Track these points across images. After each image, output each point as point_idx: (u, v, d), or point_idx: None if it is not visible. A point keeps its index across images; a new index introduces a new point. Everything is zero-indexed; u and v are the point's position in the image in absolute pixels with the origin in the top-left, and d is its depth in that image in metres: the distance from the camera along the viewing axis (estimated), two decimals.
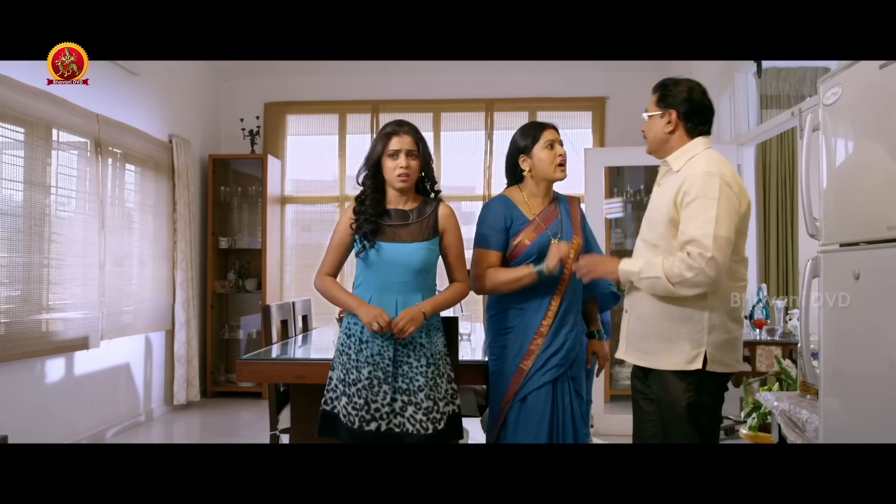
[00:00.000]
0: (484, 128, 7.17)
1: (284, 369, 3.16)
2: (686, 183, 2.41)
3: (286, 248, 7.27)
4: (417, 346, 2.71)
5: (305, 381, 3.02)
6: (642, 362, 2.57)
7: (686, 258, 2.36)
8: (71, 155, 4.85)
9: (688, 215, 2.39)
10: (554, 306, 2.88)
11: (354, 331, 2.74)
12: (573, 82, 7.02)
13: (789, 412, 2.89)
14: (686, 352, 2.45)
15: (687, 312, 2.45)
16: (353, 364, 2.70)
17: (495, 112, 7.15)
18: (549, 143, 2.92)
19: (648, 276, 2.45)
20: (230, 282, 7.00)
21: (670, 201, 2.45)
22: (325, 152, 7.35)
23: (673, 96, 2.56)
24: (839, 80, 2.32)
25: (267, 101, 7.24)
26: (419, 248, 2.73)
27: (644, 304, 2.55)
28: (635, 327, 2.60)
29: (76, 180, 4.87)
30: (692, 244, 2.35)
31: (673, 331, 2.47)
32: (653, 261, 2.45)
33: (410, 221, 2.76)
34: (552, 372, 2.83)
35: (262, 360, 3.22)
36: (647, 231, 2.58)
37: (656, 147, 2.63)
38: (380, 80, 7.12)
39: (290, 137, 7.36)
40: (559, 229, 2.92)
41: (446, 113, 7.20)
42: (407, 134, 2.74)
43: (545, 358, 2.85)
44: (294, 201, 7.35)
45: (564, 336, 2.87)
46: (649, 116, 2.62)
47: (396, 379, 2.68)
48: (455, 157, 7.23)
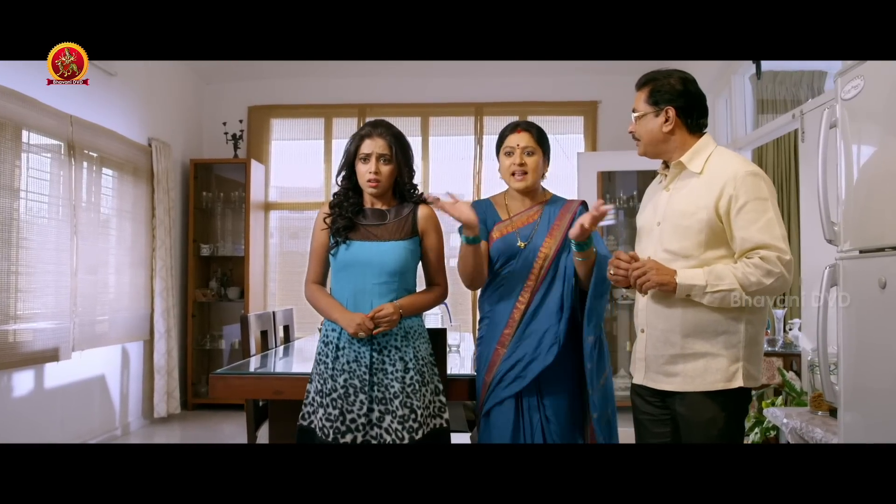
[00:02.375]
0: (473, 132, 7.00)
1: (261, 384, 2.95)
2: (729, 186, 2.18)
3: (270, 255, 7.07)
4: (392, 349, 2.55)
5: (283, 396, 2.82)
6: (671, 386, 2.29)
7: (763, 264, 2.13)
8: (43, 158, 4.64)
9: (744, 220, 2.17)
10: (517, 314, 2.71)
11: (332, 338, 2.58)
12: (564, 86, 6.87)
13: (801, 430, 2.72)
14: (724, 368, 2.21)
15: (723, 325, 2.21)
16: (329, 373, 2.54)
17: (485, 116, 6.98)
18: (508, 150, 2.78)
19: (718, 289, 2.16)
20: (212, 290, 6.79)
21: (710, 207, 2.20)
22: (311, 157, 7.16)
23: (666, 91, 2.31)
24: (861, 72, 2.15)
25: (251, 104, 7.05)
26: (395, 246, 2.56)
27: (669, 321, 2.28)
28: (658, 349, 2.31)
29: (48, 184, 4.65)
30: (766, 249, 2.14)
31: (708, 347, 2.23)
32: (717, 271, 2.18)
33: (387, 221, 2.60)
34: (513, 386, 2.66)
35: (236, 374, 3.02)
36: (675, 240, 2.28)
37: (653, 148, 2.39)
38: (367, 83, 6.94)
39: (275, 142, 7.16)
40: (532, 232, 2.76)
41: (435, 117, 7.02)
42: (380, 137, 2.58)
43: (504, 370, 2.68)
44: (278, 207, 7.15)
45: (528, 349, 2.67)
46: (639, 116, 2.38)
47: (373, 387, 2.51)
48: (444, 163, 7.05)
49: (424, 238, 2.65)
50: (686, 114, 2.31)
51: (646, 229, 2.41)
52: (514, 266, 2.75)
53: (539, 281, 2.71)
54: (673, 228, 2.29)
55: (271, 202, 7.10)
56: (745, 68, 5.32)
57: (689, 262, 2.23)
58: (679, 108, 2.30)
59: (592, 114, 6.89)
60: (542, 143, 2.79)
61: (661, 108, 2.31)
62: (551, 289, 2.71)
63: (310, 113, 7.11)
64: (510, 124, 2.84)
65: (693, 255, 2.23)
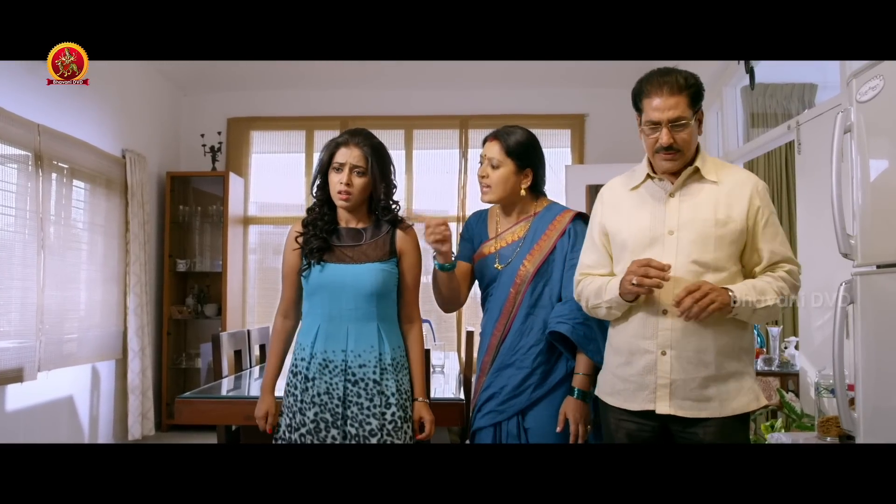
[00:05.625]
0: (458, 146, 6.84)
1: (232, 409, 2.76)
2: (756, 197, 2.12)
3: (249, 271, 6.86)
4: (370, 383, 2.34)
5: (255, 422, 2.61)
6: (706, 412, 2.07)
7: (789, 278, 2.11)
8: (9, 169, 4.42)
9: (770, 233, 2.12)
10: (494, 341, 2.52)
11: (300, 367, 2.39)
12: (552, 99, 6.73)
13: None
14: (752, 387, 2.13)
15: (748, 341, 2.14)
16: (297, 406, 2.35)
17: (470, 129, 6.82)
18: (480, 159, 2.62)
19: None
20: (188, 307, 6.56)
21: (743, 217, 2.10)
22: (292, 171, 6.95)
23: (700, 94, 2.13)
24: (880, 72, 1.99)
25: (230, 115, 6.86)
26: (371, 269, 2.36)
27: (703, 340, 2.07)
28: (689, 371, 2.08)
29: (14, 196, 4.43)
30: (790, 263, 2.13)
31: (739, 366, 2.11)
32: (760, 287, 2.07)
33: (363, 241, 2.41)
34: (489, 417, 2.48)
35: (205, 398, 2.83)
36: (709, 251, 2.09)
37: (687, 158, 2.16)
38: (349, 94, 6.77)
39: (255, 155, 6.97)
40: (514, 253, 2.53)
41: (419, 129, 6.86)
42: (357, 146, 2.38)
43: (483, 400, 2.50)
44: (258, 222, 6.95)
45: (507, 378, 2.47)
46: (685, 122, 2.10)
47: (346, 422, 2.31)
48: (428, 177, 6.88)
49: (402, 259, 2.45)
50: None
51: (648, 239, 2.15)
52: (494, 290, 2.56)
53: (515, 308, 2.49)
54: (701, 238, 2.09)
55: (250, 216, 6.90)
56: (736, 78, 5.21)
57: (720, 276, 2.07)
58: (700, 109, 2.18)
59: (580, 127, 6.75)
60: (516, 154, 2.53)
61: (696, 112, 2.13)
62: (530, 317, 2.49)
63: (291, 125, 6.93)
64: (492, 132, 2.63)
65: (725, 268, 2.09)
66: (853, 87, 2.11)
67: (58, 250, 4.83)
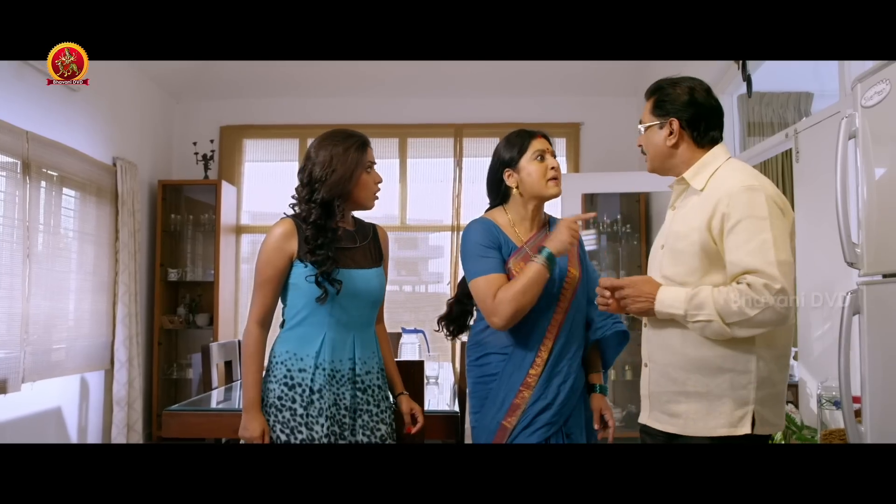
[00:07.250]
0: (453, 154, 6.79)
1: (220, 422, 2.69)
2: (722, 203, 1.94)
3: (241, 281, 6.78)
4: (376, 389, 2.29)
5: None
6: (671, 428, 2.04)
7: (748, 291, 1.86)
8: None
9: (735, 241, 1.91)
10: (544, 352, 2.38)
11: (300, 379, 2.25)
12: (547, 107, 6.68)
13: None
14: (728, 412, 1.94)
15: (730, 361, 1.94)
16: (301, 421, 2.22)
17: (465, 138, 6.77)
18: (538, 154, 2.48)
19: (697, 319, 1.92)
20: (180, 317, 6.48)
21: (702, 227, 1.96)
22: (285, 179, 6.88)
23: (671, 101, 2.10)
24: (886, 76, 1.94)
25: (223, 123, 6.80)
26: (377, 274, 2.31)
27: (670, 354, 2.04)
28: (660, 385, 2.07)
29: (2, 204, 4.37)
30: (753, 275, 1.87)
31: (712, 386, 1.96)
32: (699, 299, 1.93)
33: (358, 244, 2.34)
34: (542, 431, 2.34)
35: (192, 410, 2.76)
36: (671, 265, 2.05)
37: (659, 164, 2.17)
38: (343, 102, 6.72)
39: (247, 163, 6.90)
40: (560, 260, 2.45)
41: (413, 138, 6.80)
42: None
43: (533, 414, 2.35)
44: (250, 231, 6.87)
45: (557, 388, 2.37)
46: (646, 128, 2.16)
47: (356, 433, 2.23)
48: (422, 185, 6.81)
49: (384, 260, 2.43)
50: (692, 125, 2.10)
51: (652, 253, 2.19)
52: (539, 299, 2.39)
53: (565, 312, 2.42)
54: (671, 252, 2.07)
55: (243, 225, 6.83)
56: (733, 86, 5.18)
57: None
58: (684, 119, 2.10)
59: (575, 135, 6.71)
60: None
61: (666, 120, 2.11)
62: (575, 322, 2.45)
63: (284, 133, 6.86)
64: (522, 131, 2.59)
65: (689, 282, 1.99)
66: (858, 92, 2.06)
67: (46, 259, 4.76)
